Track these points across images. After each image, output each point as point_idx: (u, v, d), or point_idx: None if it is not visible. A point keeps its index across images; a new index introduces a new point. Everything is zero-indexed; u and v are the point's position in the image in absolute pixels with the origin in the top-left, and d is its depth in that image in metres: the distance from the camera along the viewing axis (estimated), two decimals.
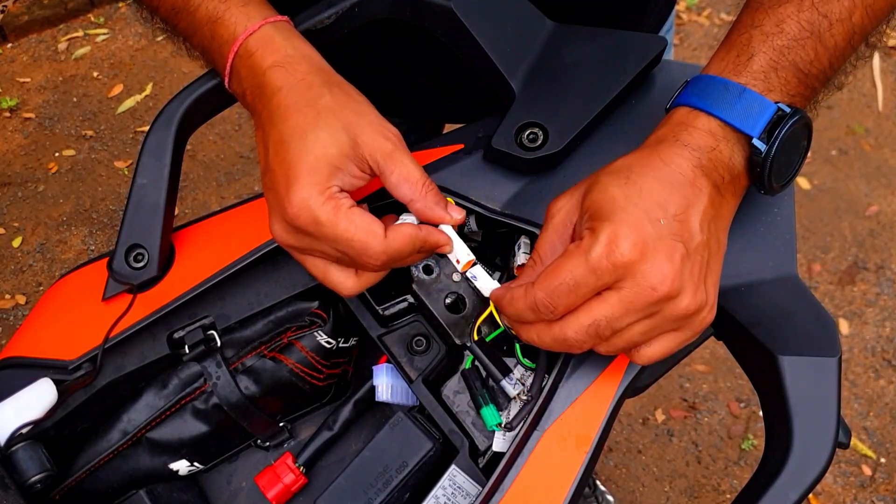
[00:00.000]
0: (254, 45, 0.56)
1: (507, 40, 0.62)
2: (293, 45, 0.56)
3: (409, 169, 0.54)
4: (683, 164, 0.50)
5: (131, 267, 0.63)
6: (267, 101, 0.55)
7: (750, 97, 0.51)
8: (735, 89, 0.51)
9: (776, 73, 0.52)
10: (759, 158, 0.51)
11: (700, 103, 0.52)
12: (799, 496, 0.51)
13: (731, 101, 0.51)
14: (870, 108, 2.37)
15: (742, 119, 0.51)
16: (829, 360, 0.53)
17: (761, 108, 0.51)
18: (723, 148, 0.51)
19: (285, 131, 0.53)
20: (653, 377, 0.75)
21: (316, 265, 0.56)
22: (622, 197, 0.49)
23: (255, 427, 0.65)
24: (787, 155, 0.52)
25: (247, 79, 0.57)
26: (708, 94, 0.52)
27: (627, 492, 1.68)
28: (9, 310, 2.01)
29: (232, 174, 2.28)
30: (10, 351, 0.64)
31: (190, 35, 0.60)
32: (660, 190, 0.49)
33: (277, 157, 0.53)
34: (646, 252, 0.47)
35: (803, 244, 2.05)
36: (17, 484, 0.58)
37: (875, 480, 1.70)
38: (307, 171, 0.52)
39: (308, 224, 0.52)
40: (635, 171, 0.50)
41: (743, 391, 1.81)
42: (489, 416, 0.58)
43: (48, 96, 2.50)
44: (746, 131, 0.51)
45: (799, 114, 0.51)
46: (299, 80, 0.54)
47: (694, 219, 0.49)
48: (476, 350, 0.59)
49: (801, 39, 0.52)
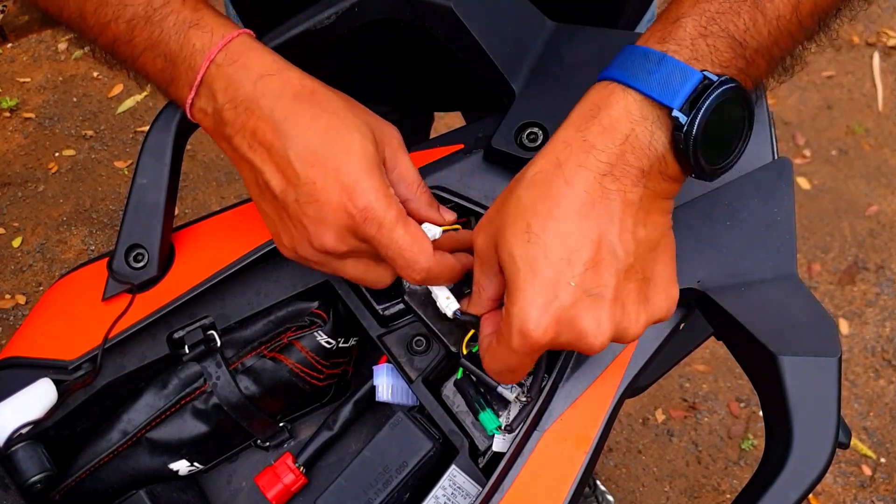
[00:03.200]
0: (235, 52, 0.53)
1: (507, 40, 0.62)
2: (272, 53, 0.54)
3: (407, 169, 0.54)
4: (588, 179, 0.46)
5: (131, 267, 0.63)
6: (266, 113, 0.51)
7: (670, 65, 0.46)
8: (654, 57, 0.46)
9: (705, 40, 0.47)
10: (681, 133, 0.46)
11: (618, 74, 0.47)
12: (799, 496, 0.51)
13: (650, 70, 0.46)
14: (870, 108, 2.37)
15: (661, 89, 0.46)
16: (829, 360, 0.53)
17: (683, 76, 0.46)
18: (640, 131, 0.46)
19: (313, 139, 0.50)
20: (653, 377, 0.75)
21: (357, 268, 0.55)
22: (526, 264, 0.46)
23: (255, 427, 0.65)
24: (717, 130, 0.47)
25: (224, 92, 0.52)
26: (627, 64, 0.47)
27: (627, 492, 1.68)
28: (9, 310, 2.01)
29: (232, 174, 2.28)
30: (10, 351, 0.64)
31: (148, 49, 0.54)
32: (565, 238, 0.46)
33: (315, 165, 0.50)
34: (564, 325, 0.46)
35: (803, 244, 2.05)
36: (17, 484, 0.58)
37: (875, 480, 1.70)
38: (364, 173, 0.50)
39: (370, 227, 0.50)
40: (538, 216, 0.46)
41: (743, 391, 1.81)
42: (487, 420, 0.58)
43: (48, 96, 2.50)
44: (665, 102, 0.45)
45: (729, 83, 0.46)
46: (299, 87, 0.52)
47: (612, 244, 0.46)
48: (466, 364, 0.59)
49: (735, 4, 0.47)
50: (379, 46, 0.77)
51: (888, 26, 2.56)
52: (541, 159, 0.48)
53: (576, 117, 0.48)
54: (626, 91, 0.47)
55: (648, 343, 0.59)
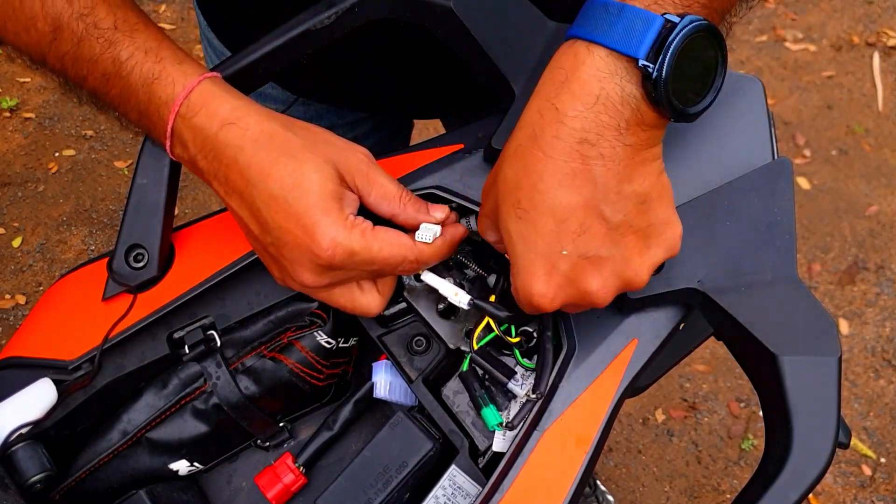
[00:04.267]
0: (196, 103, 0.54)
1: (507, 40, 0.62)
2: (235, 96, 0.55)
3: (384, 187, 0.55)
4: (565, 149, 0.46)
5: (131, 267, 0.63)
6: (231, 162, 0.53)
7: (630, 13, 0.45)
8: (614, 8, 0.45)
9: None
10: (651, 83, 0.45)
11: (580, 31, 0.47)
12: (799, 496, 0.51)
13: (611, 22, 0.45)
14: (870, 108, 2.37)
15: (624, 40, 0.45)
16: (829, 360, 0.53)
17: (645, 23, 0.45)
18: (610, 89, 0.46)
19: (273, 186, 0.52)
20: (653, 377, 0.75)
21: (343, 295, 0.57)
22: (520, 238, 0.49)
23: (255, 427, 0.65)
24: (688, 70, 0.46)
25: (193, 142, 0.54)
26: (588, 19, 0.46)
27: (627, 492, 1.68)
28: (9, 310, 2.01)
29: None
30: (10, 351, 0.64)
31: (123, 102, 0.57)
32: (552, 210, 0.47)
33: (278, 213, 0.52)
34: (568, 289, 0.49)
35: (803, 244, 2.05)
36: (17, 484, 0.58)
37: (875, 480, 1.70)
38: (321, 212, 0.51)
39: (344, 258, 0.52)
40: (524, 191, 0.48)
41: (743, 391, 1.81)
42: (490, 416, 0.58)
43: (48, 96, 2.50)
44: (630, 53, 0.45)
45: (693, 21, 0.45)
46: (258, 132, 0.53)
47: (598, 207, 0.47)
48: (478, 359, 0.59)
49: None
50: (379, 46, 0.77)
51: (888, 26, 2.56)
52: (519, 133, 0.49)
53: (546, 83, 0.48)
54: (590, 48, 0.46)
55: (648, 343, 0.59)
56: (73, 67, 0.57)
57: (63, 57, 0.56)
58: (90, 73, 0.56)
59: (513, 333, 0.59)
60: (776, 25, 2.62)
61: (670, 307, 0.60)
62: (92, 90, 0.58)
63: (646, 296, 0.57)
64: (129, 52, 0.55)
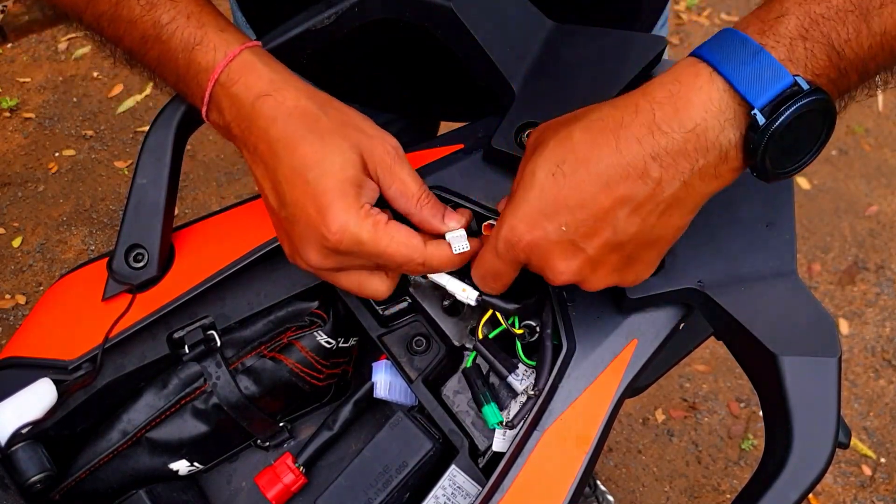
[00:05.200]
0: (236, 72, 0.54)
1: (507, 40, 0.62)
2: (274, 69, 0.55)
3: (405, 184, 0.55)
4: (637, 156, 0.46)
5: (131, 267, 0.63)
6: (262, 133, 0.53)
7: (765, 60, 0.44)
8: (751, 47, 0.45)
9: (804, 42, 0.45)
10: (756, 135, 0.45)
11: (710, 55, 0.46)
12: (799, 496, 0.51)
13: (744, 59, 0.45)
14: (870, 108, 2.37)
15: (749, 84, 0.44)
16: (829, 360, 0.53)
17: (775, 76, 0.44)
18: (711, 124, 0.45)
19: (296, 163, 0.52)
20: (653, 377, 0.75)
21: (350, 279, 0.56)
22: (539, 188, 0.49)
23: (255, 427, 0.65)
24: (793, 139, 0.46)
25: (229, 110, 0.55)
26: (722, 47, 0.46)
27: (627, 492, 1.68)
28: (9, 310, 2.01)
29: (232, 174, 2.28)
30: (10, 351, 0.64)
31: (161, 65, 0.57)
32: (583, 192, 0.47)
33: (296, 189, 0.52)
34: (539, 251, 0.50)
35: (803, 244, 2.05)
36: (17, 484, 0.58)
37: (875, 480, 1.70)
38: (337, 195, 0.51)
39: (351, 245, 0.52)
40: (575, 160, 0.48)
41: (743, 391, 1.81)
42: (490, 413, 0.58)
43: (48, 96, 2.50)
44: (749, 99, 0.44)
45: (818, 94, 0.44)
46: (292, 107, 0.53)
47: (617, 220, 0.48)
48: (481, 348, 0.59)
49: (842, 11, 0.45)
50: (379, 46, 0.77)
51: None
52: (609, 108, 0.49)
53: (657, 86, 0.47)
54: (713, 77, 0.45)
55: (648, 343, 0.59)
56: (109, 27, 0.57)
57: (100, 17, 0.56)
58: (127, 33, 0.56)
59: (516, 324, 0.59)
60: None
61: (670, 307, 0.60)
62: (128, 50, 0.58)
63: (646, 295, 0.57)
64: (170, 15, 0.55)
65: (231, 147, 2.34)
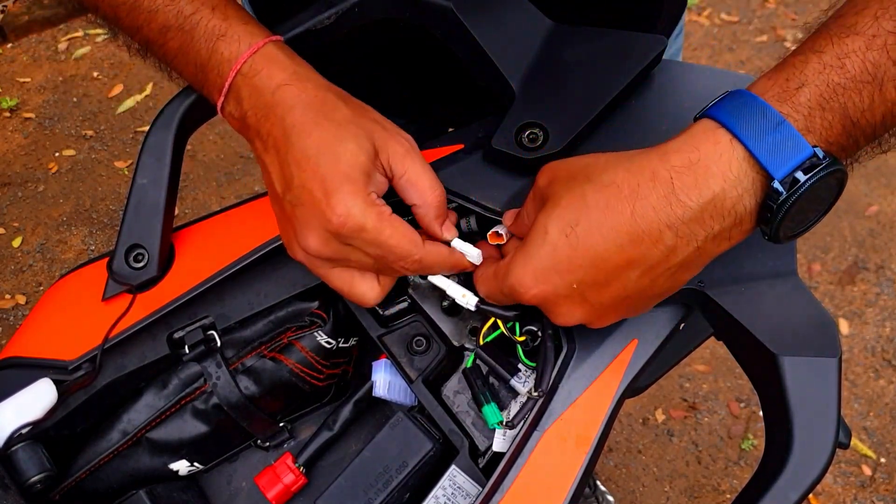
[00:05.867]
0: (259, 63, 0.55)
1: (507, 40, 0.62)
2: (297, 62, 0.56)
3: (418, 175, 0.55)
4: (653, 224, 0.46)
5: (131, 267, 0.63)
6: (278, 120, 0.54)
7: (787, 132, 0.44)
8: (773, 118, 0.45)
9: (822, 113, 0.45)
10: (774, 205, 0.45)
11: (730, 122, 0.45)
12: (799, 496, 0.51)
13: (765, 130, 0.45)
14: None
15: (770, 155, 0.44)
16: (829, 360, 0.53)
17: (795, 147, 0.44)
18: (729, 193, 0.45)
19: (309, 146, 0.52)
20: (653, 377, 0.75)
21: (342, 278, 0.57)
22: (551, 245, 0.49)
23: (255, 427, 0.65)
24: (806, 206, 0.46)
25: (249, 99, 0.55)
26: (742, 114, 0.45)
27: (627, 492, 1.68)
28: (9, 310, 2.01)
29: (232, 174, 2.28)
30: (10, 351, 0.64)
31: (181, 55, 0.57)
32: (595, 254, 0.48)
33: (305, 172, 0.52)
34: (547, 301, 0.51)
35: (803, 244, 2.05)
36: (17, 484, 0.58)
37: (875, 480, 1.70)
38: (345, 180, 0.52)
39: (353, 231, 0.52)
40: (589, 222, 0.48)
41: (743, 391, 1.81)
42: (490, 413, 0.58)
43: (48, 96, 2.50)
44: (770, 171, 0.44)
45: (835, 166, 0.45)
46: (312, 96, 0.54)
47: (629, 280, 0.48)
48: (482, 354, 0.60)
49: (860, 82, 0.45)
50: (379, 47, 0.77)
51: None
52: (624, 173, 0.48)
53: (674, 152, 0.47)
54: (733, 144, 0.45)
55: (648, 343, 0.59)
56: (128, 17, 0.57)
57: (118, 6, 0.57)
58: (146, 23, 0.56)
59: (517, 332, 0.59)
60: (776, 25, 2.62)
61: (670, 307, 0.60)
62: (145, 40, 0.58)
63: None
64: (194, 6, 0.55)
65: (231, 148, 2.35)
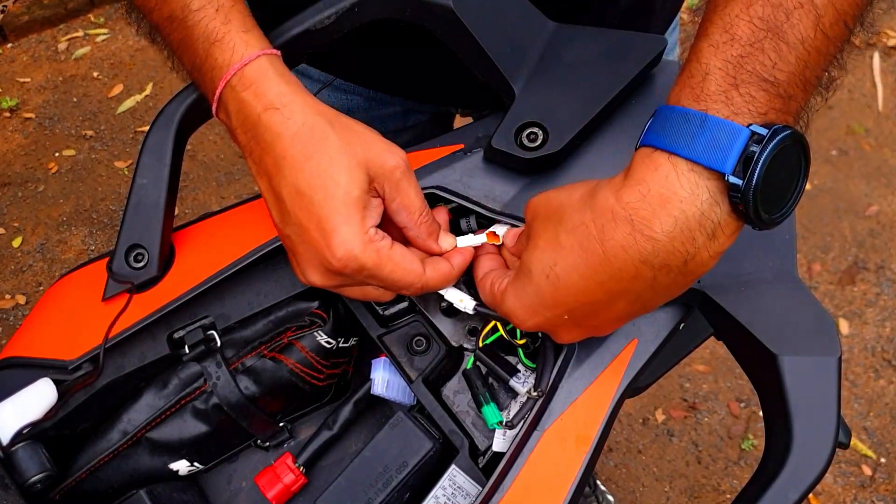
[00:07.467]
0: (248, 77, 0.54)
1: (507, 40, 0.62)
2: (286, 81, 0.55)
3: (409, 199, 0.55)
4: (626, 261, 0.45)
5: (131, 267, 0.63)
6: (267, 146, 0.53)
7: (714, 125, 0.43)
8: (696, 119, 0.43)
9: (737, 90, 0.43)
10: (740, 196, 0.43)
11: (660, 142, 0.44)
12: (799, 496, 0.51)
13: (694, 133, 0.43)
14: (870, 108, 2.37)
15: (709, 154, 0.43)
16: (829, 360, 0.53)
17: (731, 135, 0.42)
18: (691, 212, 0.43)
19: (301, 182, 0.52)
20: (653, 377, 0.75)
21: (354, 291, 0.58)
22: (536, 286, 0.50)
23: (255, 427, 0.65)
24: (777, 182, 0.44)
25: (236, 115, 0.54)
26: (667, 128, 0.44)
27: (627, 492, 1.68)
28: (9, 310, 2.01)
29: (232, 174, 2.28)
30: (10, 351, 0.64)
31: (181, 49, 0.57)
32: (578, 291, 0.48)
33: (301, 209, 0.52)
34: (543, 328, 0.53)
35: (803, 244, 2.05)
36: (17, 484, 0.58)
37: (875, 480, 1.70)
38: (342, 220, 0.51)
39: (354, 271, 0.53)
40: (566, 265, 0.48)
41: (743, 391, 1.81)
42: (490, 414, 0.58)
43: (48, 96, 2.50)
44: (717, 168, 0.43)
45: (780, 133, 0.43)
46: (300, 124, 0.53)
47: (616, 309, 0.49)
48: (482, 356, 0.60)
49: (756, 42, 0.43)
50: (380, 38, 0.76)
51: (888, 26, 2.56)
52: (590, 213, 0.47)
53: (626, 189, 0.45)
54: (672, 160, 0.44)
55: (648, 343, 0.59)
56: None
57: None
58: (156, 8, 0.56)
59: (518, 335, 0.59)
60: None
61: (670, 307, 0.60)
62: (154, 25, 0.58)
63: None
64: (200, 2, 0.55)
65: (231, 148, 2.35)
